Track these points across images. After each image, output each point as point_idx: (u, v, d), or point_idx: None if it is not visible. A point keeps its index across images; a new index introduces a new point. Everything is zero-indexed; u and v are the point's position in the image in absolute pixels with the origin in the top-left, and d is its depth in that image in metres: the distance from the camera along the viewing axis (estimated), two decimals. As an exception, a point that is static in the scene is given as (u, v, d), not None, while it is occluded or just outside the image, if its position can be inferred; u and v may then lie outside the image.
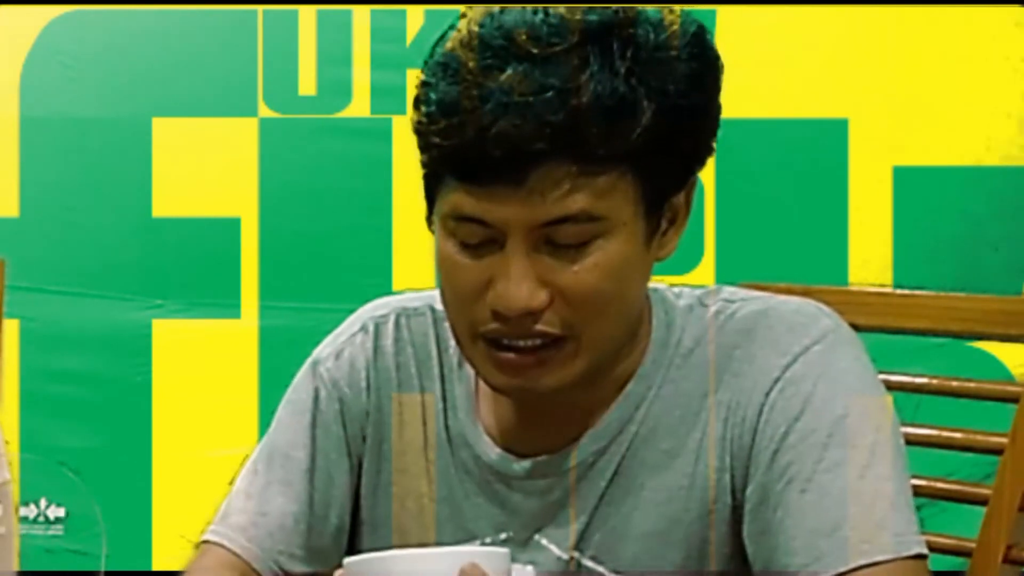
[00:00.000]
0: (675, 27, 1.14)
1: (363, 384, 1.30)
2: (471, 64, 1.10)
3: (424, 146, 1.14)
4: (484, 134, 1.08)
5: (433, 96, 1.12)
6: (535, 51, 1.09)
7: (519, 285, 1.12)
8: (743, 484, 1.19)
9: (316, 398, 1.31)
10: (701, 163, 1.19)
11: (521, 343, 1.14)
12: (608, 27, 1.11)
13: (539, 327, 1.13)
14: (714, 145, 1.18)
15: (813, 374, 1.18)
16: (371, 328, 1.32)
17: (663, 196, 1.16)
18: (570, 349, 1.15)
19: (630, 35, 1.12)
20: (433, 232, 1.19)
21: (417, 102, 1.14)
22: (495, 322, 1.14)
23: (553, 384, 1.16)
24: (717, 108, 1.18)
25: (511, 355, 1.15)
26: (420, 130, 1.14)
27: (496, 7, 1.13)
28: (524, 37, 1.10)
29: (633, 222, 1.14)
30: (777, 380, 1.19)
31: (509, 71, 1.09)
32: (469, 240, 1.14)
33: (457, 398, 1.28)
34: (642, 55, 1.11)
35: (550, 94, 1.08)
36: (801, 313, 1.23)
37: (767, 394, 1.19)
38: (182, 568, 1.29)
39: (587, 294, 1.13)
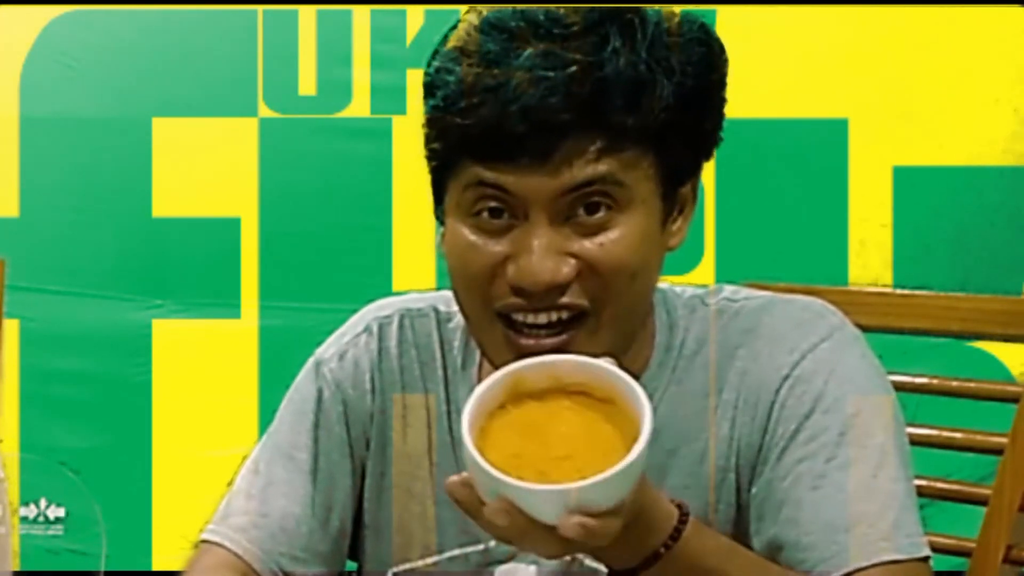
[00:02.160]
0: (678, 17, 1.16)
1: (367, 386, 1.30)
2: (490, 46, 1.11)
3: (440, 132, 1.14)
4: (507, 109, 1.08)
5: (451, 79, 1.12)
6: (555, 31, 1.10)
7: (544, 259, 1.11)
8: (748, 483, 1.19)
9: (319, 399, 1.30)
10: (710, 152, 1.19)
11: (543, 319, 1.13)
12: (625, 10, 1.13)
13: (564, 299, 1.12)
14: (721, 136, 1.19)
15: (823, 372, 1.18)
16: (375, 329, 1.31)
17: (677, 180, 1.17)
18: (591, 327, 1.13)
19: (646, 18, 1.13)
20: (443, 224, 1.18)
21: (432, 88, 1.14)
22: (514, 297, 1.13)
23: None
24: (724, 98, 1.19)
25: (531, 341, 1.13)
26: (436, 116, 1.14)
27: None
28: (542, 18, 1.11)
29: (652, 200, 1.14)
30: (786, 378, 1.19)
31: (530, 50, 1.10)
32: (491, 217, 1.13)
33: (460, 400, 1.27)
34: (659, 38, 1.13)
35: (574, 68, 1.09)
36: (807, 310, 1.23)
37: (777, 392, 1.19)
38: (182, 568, 1.29)
39: (615, 265, 1.12)
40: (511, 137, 1.09)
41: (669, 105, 1.12)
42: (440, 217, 1.18)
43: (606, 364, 1.00)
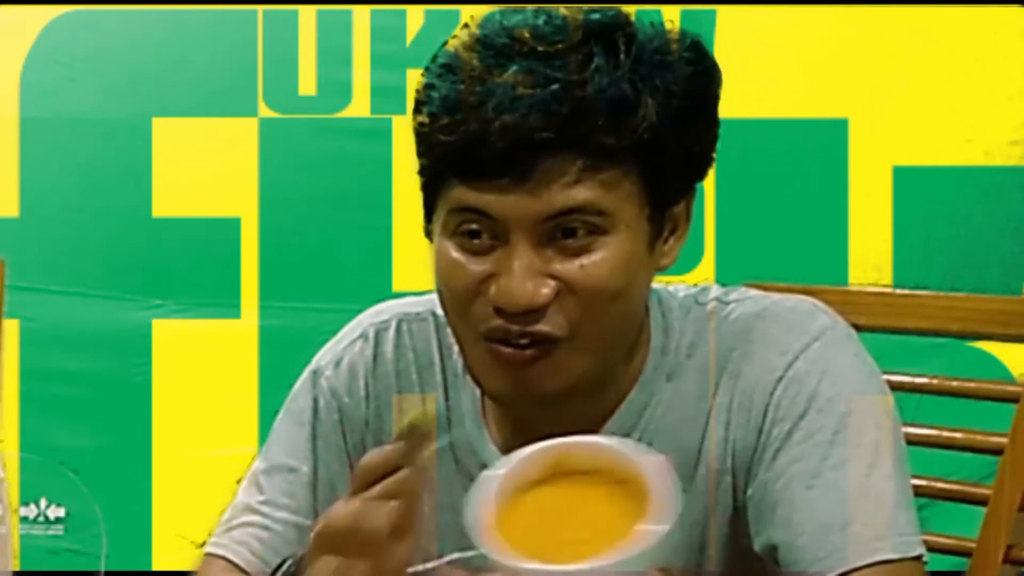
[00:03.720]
0: (674, 34, 1.15)
1: (362, 393, 1.30)
2: (475, 63, 1.11)
3: (426, 148, 1.14)
4: (488, 127, 1.08)
5: (436, 95, 1.12)
6: (539, 48, 1.10)
7: (523, 281, 1.11)
8: (745, 485, 1.19)
9: (316, 408, 1.30)
10: (702, 172, 1.19)
11: (523, 342, 1.13)
12: (610, 27, 1.13)
13: (541, 327, 1.12)
14: (714, 157, 1.19)
15: (816, 372, 1.18)
16: (371, 335, 1.31)
17: (666, 201, 1.16)
18: (570, 347, 1.13)
19: (632, 36, 1.13)
20: (432, 241, 1.18)
21: (419, 105, 1.14)
22: (497, 319, 1.13)
23: (554, 387, 1.15)
24: (716, 118, 1.18)
25: (511, 351, 1.13)
26: (422, 132, 1.14)
27: (497, 12, 1.13)
28: (528, 35, 1.11)
29: (637, 223, 1.14)
30: (780, 379, 1.18)
31: (514, 68, 1.09)
32: (472, 238, 1.13)
33: (463, 406, 1.27)
34: (644, 55, 1.12)
35: (555, 87, 1.09)
36: (798, 311, 1.22)
37: (771, 393, 1.18)
38: (182, 568, 1.29)
39: (596, 288, 1.12)
40: (491, 154, 1.09)
41: (653, 125, 1.11)
42: (429, 235, 1.18)
43: (616, 444, 1.00)
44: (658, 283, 1.25)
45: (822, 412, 1.16)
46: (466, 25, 1.15)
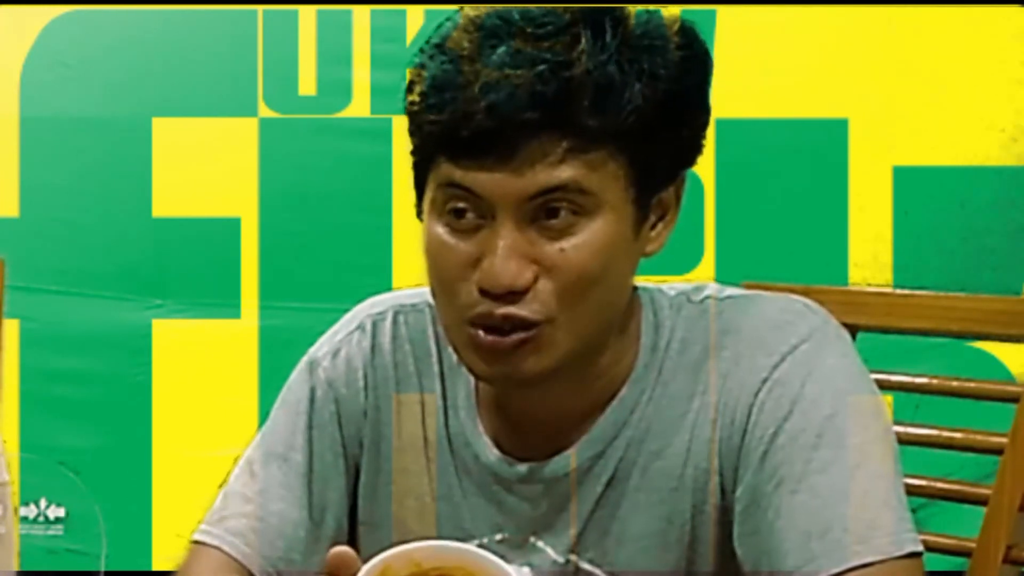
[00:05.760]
0: (665, 19, 1.15)
1: (360, 384, 1.30)
2: (465, 44, 1.12)
3: (416, 127, 1.15)
4: (475, 106, 1.10)
5: (427, 75, 1.13)
6: (528, 30, 1.11)
7: (507, 261, 1.12)
8: (732, 486, 1.19)
9: (312, 399, 1.30)
10: (691, 159, 1.19)
11: (506, 326, 1.13)
12: (600, 10, 1.13)
13: (519, 312, 1.13)
14: (704, 143, 1.19)
15: (801, 374, 1.17)
16: (368, 326, 1.31)
17: (653, 186, 1.16)
18: (549, 332, 1.14)
19: (622, 19, 1.14)
20: (422, 221, 1.19)
21: (411, 85, 1.15)
22: (482, 303, 1.13)
23: (535, 369, 1.15)
24: (706, 104, 1.18)
25: (493, 338, 1.13)
26: (413, 111, 1.15)
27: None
28: (518, 17, 1.12)
29: (622, 206, 1.14)
30: (765, 380, 1.18)
31: (503, 49, 1.11)
32: (458, 217, 1.14)
33: (458, 397, 1.27)
34: (633, 39, 1.13)
35: (542, 67, 1.10)
36: (787, 311, 1.22)
37: (756, 395, 1.18)
38: (177, 567, 1.29)
39: (573, 272, 1.12)
40: (477, 134, 1.10)
41: (639, 108, 1.11)
42: (420, 215, 1.19)
43: (465, 547, 1.00)
44: (650, 282, 1.25)
45: (806, 414, 1.16)
46: (460, 9, 1.15)
